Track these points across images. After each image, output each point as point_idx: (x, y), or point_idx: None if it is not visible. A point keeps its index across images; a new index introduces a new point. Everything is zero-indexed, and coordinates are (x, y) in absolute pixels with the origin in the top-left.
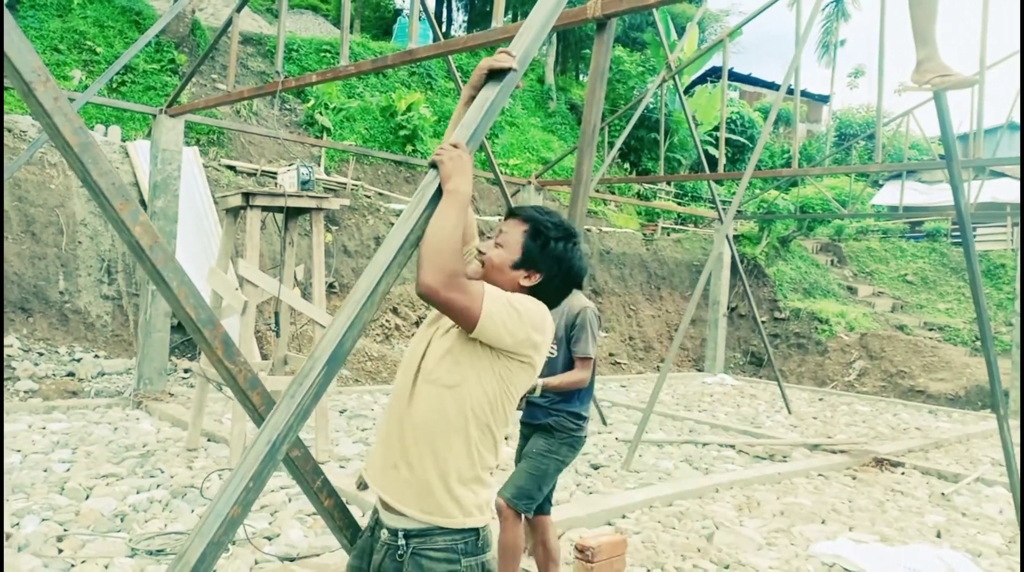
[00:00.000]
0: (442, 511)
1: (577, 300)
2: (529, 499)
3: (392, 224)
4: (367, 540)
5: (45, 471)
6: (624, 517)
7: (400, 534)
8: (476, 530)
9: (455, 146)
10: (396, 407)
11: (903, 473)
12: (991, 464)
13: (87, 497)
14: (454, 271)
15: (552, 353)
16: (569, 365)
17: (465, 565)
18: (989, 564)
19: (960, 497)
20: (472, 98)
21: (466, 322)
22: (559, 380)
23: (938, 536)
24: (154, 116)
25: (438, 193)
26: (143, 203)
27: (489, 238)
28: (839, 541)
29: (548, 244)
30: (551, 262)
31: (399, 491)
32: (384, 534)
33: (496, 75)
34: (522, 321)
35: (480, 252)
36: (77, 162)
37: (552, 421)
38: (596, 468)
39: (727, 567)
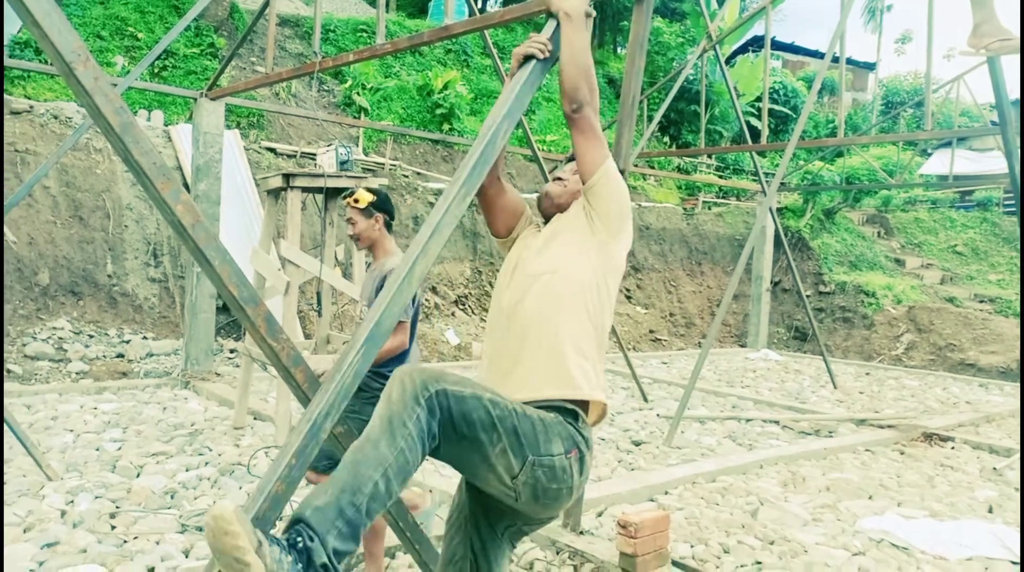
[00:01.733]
0: (571, 381)
1: (391, 260)
2: None
3: (431, 203)
4: None
5: (97, 450)
6: (667, 493)
7: None
8: (584, 423)
9: None
10: (495, 328)
11: (953, 448)
12: None
13: (138, 475)
14: (595, 89)
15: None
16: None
17: (572, 447)
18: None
19: (1013, 472)
20: None
21: (594, 156)
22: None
23: (990, 511)
24: (195, 100)
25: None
26: (187, 186)
27: (559, 176)
28: (887, 516)
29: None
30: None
31: (524, 381)
32: None
33: (531, 58)
34: (625, 197)
35: (559, 178)
36: (119, 142)
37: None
38: (638, 444)
39: (772, 543)
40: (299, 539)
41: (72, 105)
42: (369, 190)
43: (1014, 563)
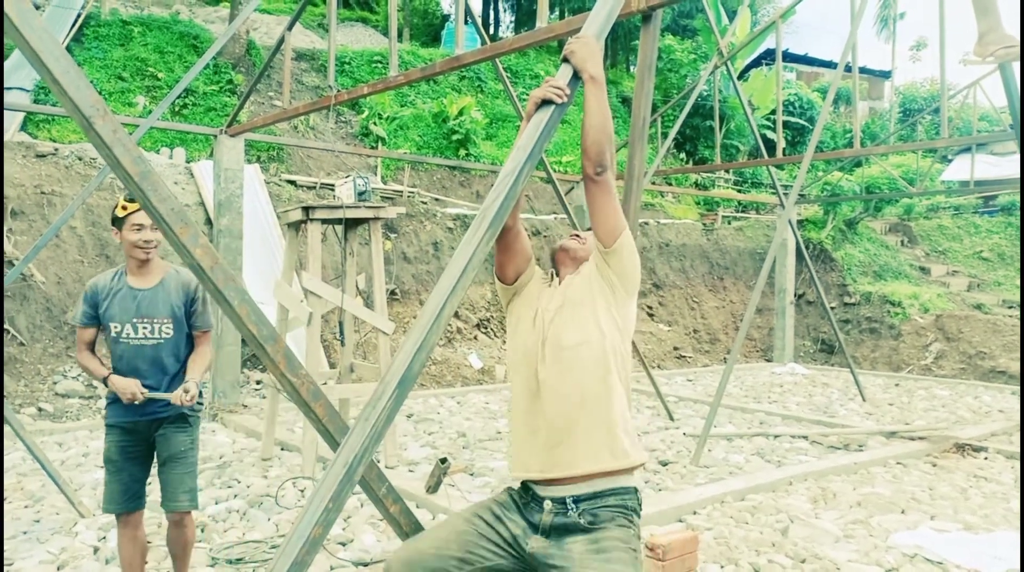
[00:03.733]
0: (624, 453)
1: (186, 274)
2: (197, 493)
3: (449, 229)
4: (518, 502)
5: None
6: (695, 513)
7: (569, 500)
8: (637, 490)
9: (579, 39)
10: (531, 397)
11: (986, 458)
12: None
13: None
14: (615, 156)
15: (167, 334)
16: (187, 344)
17: (635, 521)
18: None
19: None
20: None
21: (616, 220)
22: (202, 369)
23: None
24: (215, 137)
25: (557, 111)
26: (209, 222)
27: (577, 234)
28: (920, 531)
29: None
30: None
31: (571, 459)
32: (548, 504)
33: (548, 103)
34: (638, 259)
35: (577, 235)
36: (138, 190)
37: (187, 410)
38: (665, 464)
39: (803, 561)
40: None
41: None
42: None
43: None
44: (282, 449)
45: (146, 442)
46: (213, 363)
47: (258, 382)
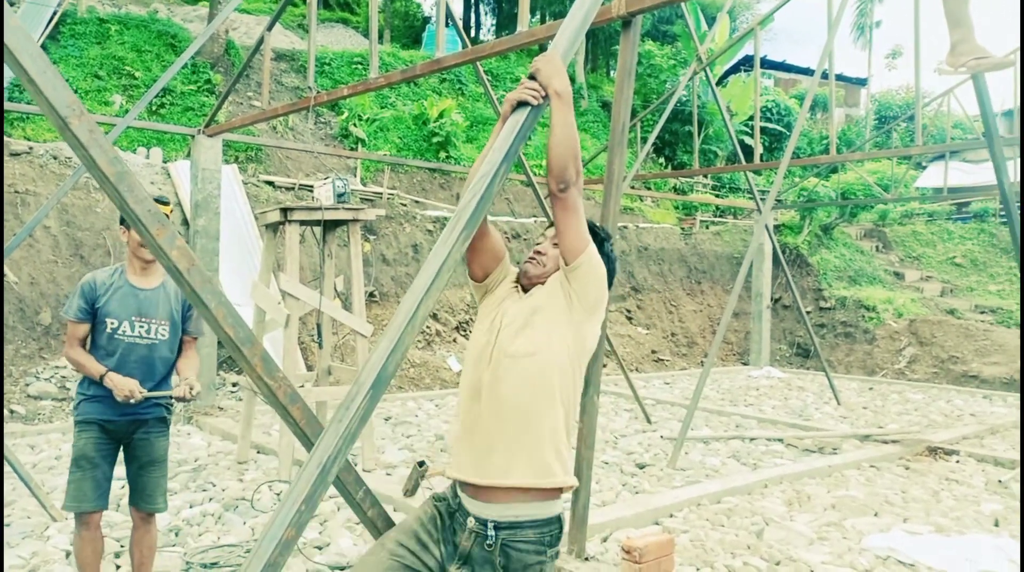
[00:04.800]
0: (548, 470)
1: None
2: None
3: (429, 231)
4: (444, 516)
5: None
6: (672, 516)
7: (490, 525)
8: (559, 519)
9: (544, 57)
10: (473, 397)
11: (958, 461)
12: None
13: None
14: (580, 171)
15: (163, 336)
16: (176, 347)
17: (550, 555)
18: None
19: (1018, 484)
20: None
21: (578, 236)
22: (195, 371)
23: (996, 525)
24: (192, 137)
25: (531, 116)
26: (186, 223)
27: (539, 242)
28: (893, 533)
29: (602, 245)
30: (605, 260)
31: (502, 468)
32: (471, 522)
33: (524, 104)
34: (604, 280)
35: (539, 252)
36: (114, 191)
37: (165, 413)
38: (642, 467)
39: (778, 563)
40: None
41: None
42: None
43: None
44: (258, 452)
45: (118, 442)
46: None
47: (234, 384)
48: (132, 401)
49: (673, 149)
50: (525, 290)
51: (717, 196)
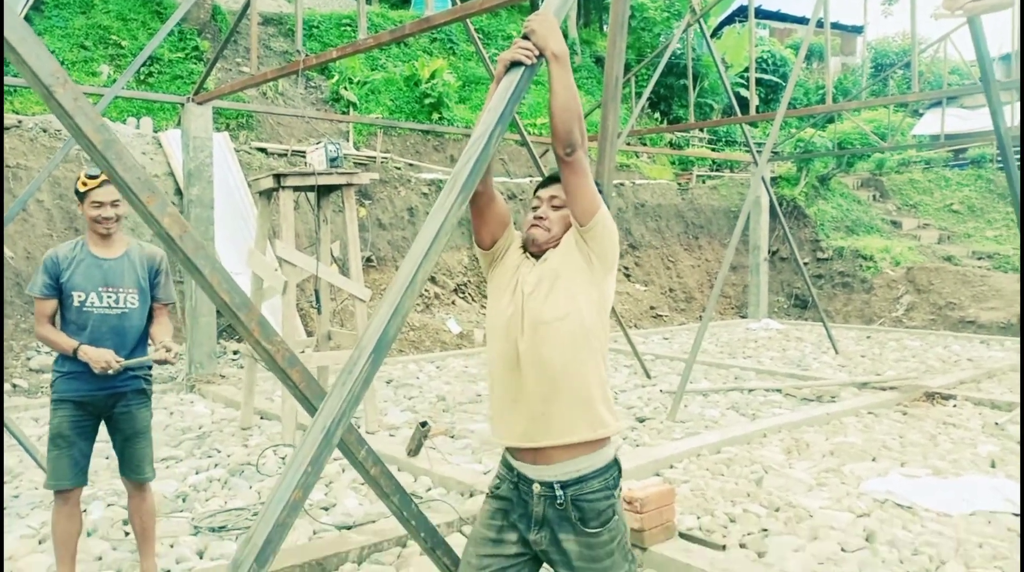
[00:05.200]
0: (601, 422)
1: (149, 247)
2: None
3: (424, 194)
4: (507, 497)
5: (107, 458)
6: (672, 467)
7: (556, 485)
8: (616, 461)
9: (538, 15)
10: (510, 367)
11: (955, 405)
12: None
13: None
14: (584, 131)
15: (132, 304)
16: (147, 315)
17: (617, 495)
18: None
19: (1014, 426)
20: None
21: (590, 199)
22: (168, 334)
23: (992, 466)
24: (182, 105)
25: (526, 75)
26: (179, 192)
27: (536, 206)
28: (890, 477)
29: (600, 193)
30: None
31: (559, 429)
32: (537, 487)
33: (518, 64)
34: (616, 235)
35: (540, 217)
36: (102, 159)
37: (144, 384)
38: (642, 421)
39: (778, 509)
40: None
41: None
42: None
43: (1016, 515)
44: (261, 418)
45: (97, 417)
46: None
47: (235, 353)
48: (110, 372)
49: (668, 104)
50: (536, 256)
51: (713, 150)
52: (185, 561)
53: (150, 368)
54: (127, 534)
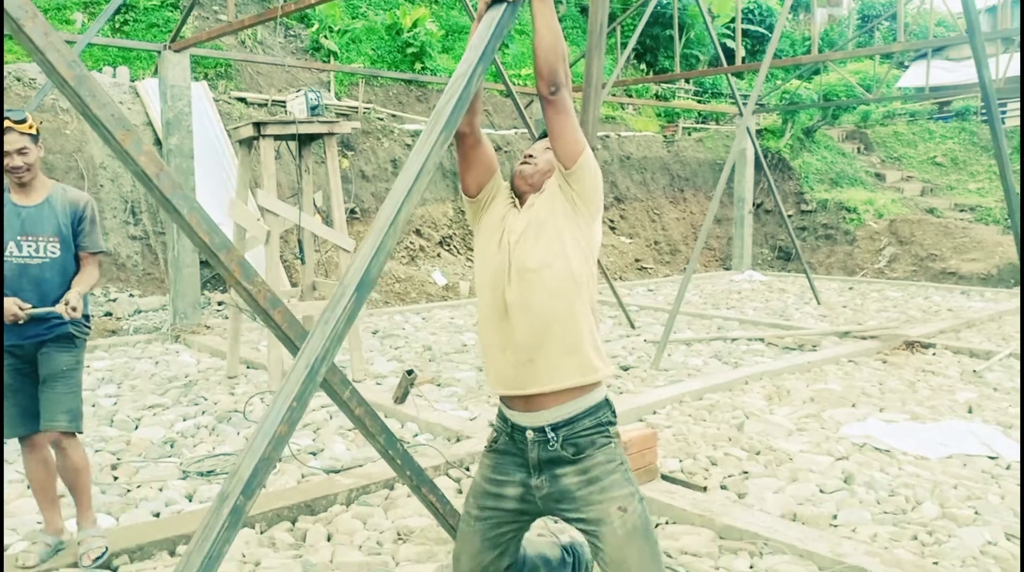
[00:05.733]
0: (592, 368)
1: (74, 192)
2: (82, 416)
3: (408, 146)
4: (504, 449)
5: (93, 406)
6: (655, 413)
7: (548, 429)
8: (607, 401)
9: None
10: (499, 317)
11: (934, 354)
12: None
13: (136, 427)
14: (569, 71)
15: (53, 253)
16: (71, 264)
17: (612, 432)
18: (1020, 435)
19: (992, 373)
20: None
21: (574, 139)
22: (87, 285)
23: (969, 412)
24: (159, 53)
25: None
26: (158, 142)
27: (530, 154)
28: (869, 422)
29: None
30: None
31: (548, 375)
32: (530, 434)
33: (499, 1)
34: (600, 177)
35: (531, 155)
36: (75, 96)
37: (72, 329)
38: (626, 369)
39: (758, 453)
40: None
41: (34, 66)
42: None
43: (991, 458)
44: (248, 367)
45: (34, 364)
46: (98, 284)
47: (219, 303)
48: (19, 322)
49: (654, 54)
50: (522, 201)
51: (699, 102)
52: (174, 504)
53: (88, 318)
54: (116, 478)
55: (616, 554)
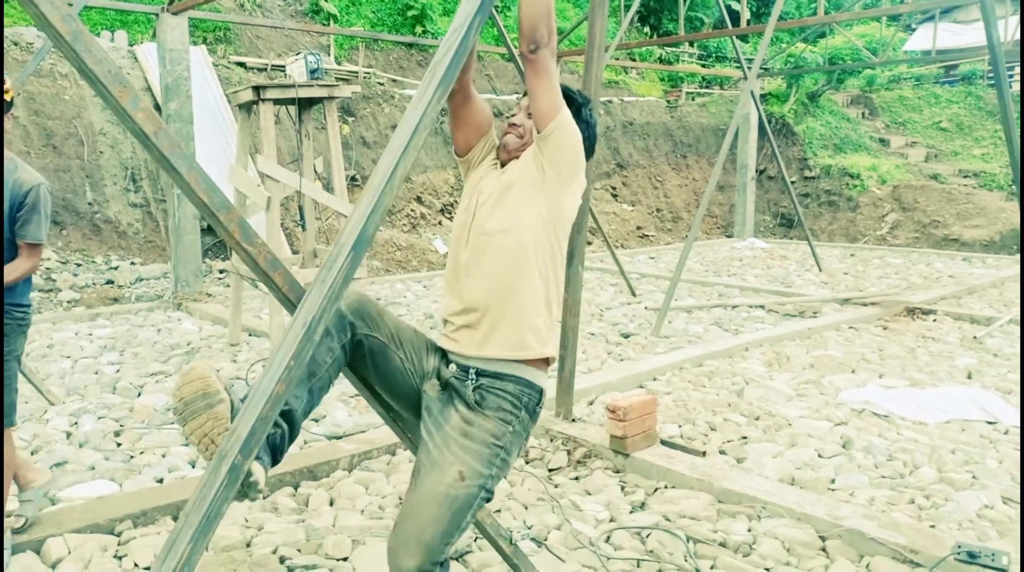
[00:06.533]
0: (523, 344)
1: (26, 174)
2: (14, 409)
3: None
4: (432, 362)
5: (96, 373)
6: (655, 380)
7: (472, 371)
8: (541, 390)
9: None
10: (454, 276)
11: (935, 320)
12: None
13: (139, 395)
14: (553, 31)
15: None
16: (11, 251)
17: (522, 417)
18: (1019, 400)
19: (992, 340)
20: None
21: (550, 102)
22: (12, 275)
23: (968, 377)
24: (156, 16)
25: None
26: (158, 108)
27: (514, 113)
28: (868, 388)
29: (580, 111)
30: (583, 126)
31: (478, 342)
32: (453, 367)
33: None
34: (579, 148)
35: (514, 124)
36: (70, 51)
37: (7, 318)
38: (627, 337)
39: (757, 418)
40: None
41: (31, 30)
42: None
43: (990, 423)
44: (250, 335)
45: None
46: (25, 275)
47: (221, 271)
48: None
49: (658, 17)
50: (503, 166)
51: (703, 66)
52: (177, 470)
53: (20, 305)
54: (119, 445)
55: (417, 498)
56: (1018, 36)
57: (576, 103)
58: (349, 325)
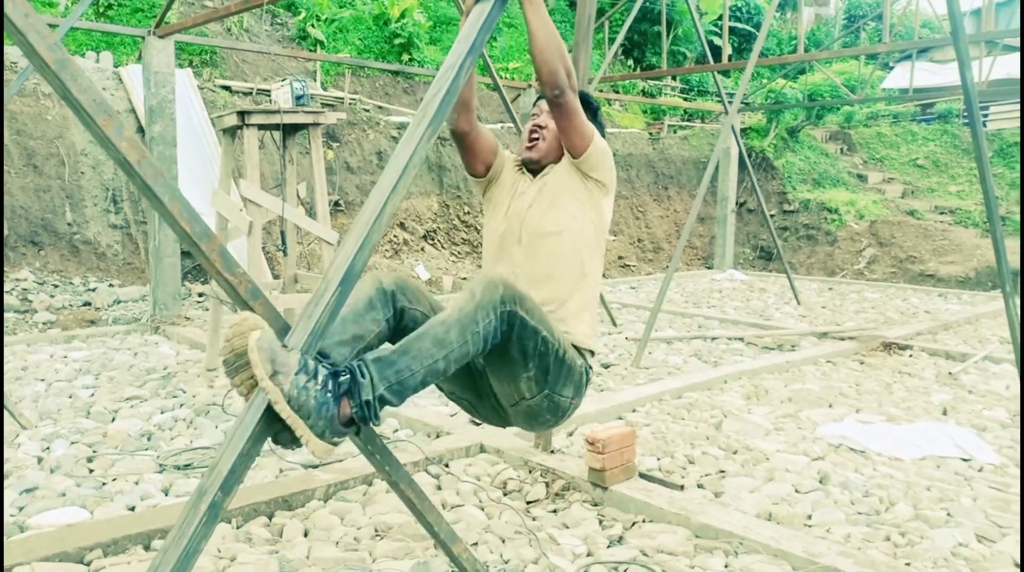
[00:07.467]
0: (583, 335)
1: None
2: None
3: (394, 138)
4: None
5: (70, 397)
6: (634, 411)
7: None
8: (585, 355)
9: None
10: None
11: (911, 355)
12: (999, 342)
13: (113, 420)
14: (571, 70)
15: None
16: None
17: (576, 404)
18: (993, 437)
19: (967, 376)
20: None
21: (582, 135)
22: None
23: (944, 413)
24: (143, 38)
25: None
26: (141, 130)
27: (535, 113)
28: (845, 422)
29: (596, 114)
30: (598, 127)
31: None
32: None
33: None
34: (611, 158)
35: (538, 126)
36: (56, 80)
37: None
38: (607, 367)
39: (735, 452)
40: (346, 374)
41: (14, 49)
42: None
43: (964, 460)
44: None
45: None
46: None
47: (200, 294)
48: None
49: (642, 51)
50: (534, 172)
51: (685, 99)
52: (150, 498)
53: None
54: (91, 471)
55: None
56: (992, 77)
57: (592, 107)
58: (391, 296)
